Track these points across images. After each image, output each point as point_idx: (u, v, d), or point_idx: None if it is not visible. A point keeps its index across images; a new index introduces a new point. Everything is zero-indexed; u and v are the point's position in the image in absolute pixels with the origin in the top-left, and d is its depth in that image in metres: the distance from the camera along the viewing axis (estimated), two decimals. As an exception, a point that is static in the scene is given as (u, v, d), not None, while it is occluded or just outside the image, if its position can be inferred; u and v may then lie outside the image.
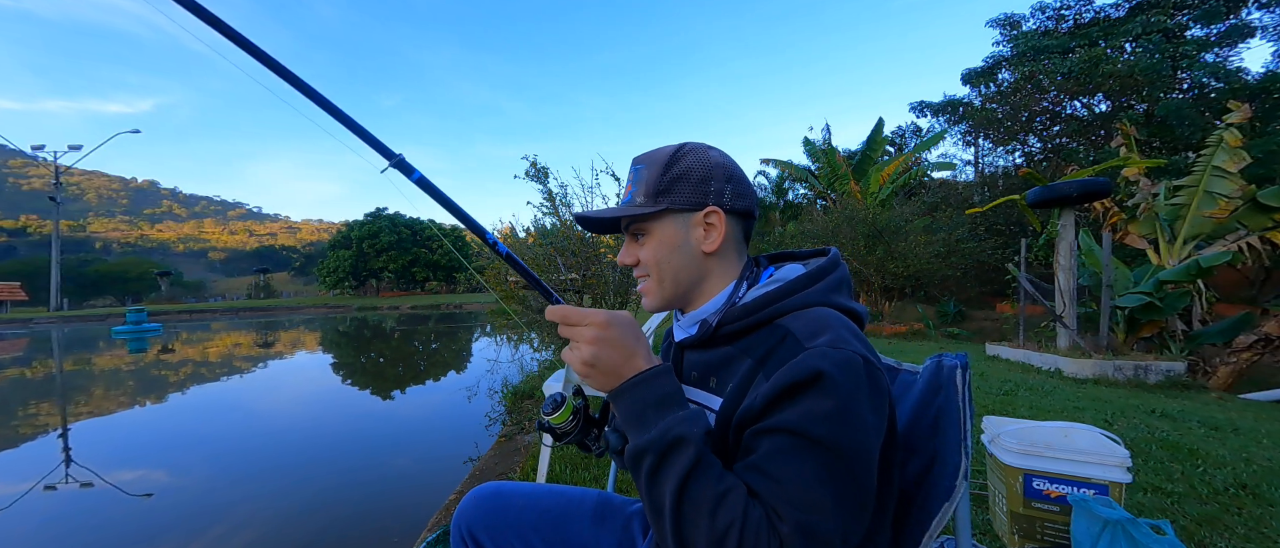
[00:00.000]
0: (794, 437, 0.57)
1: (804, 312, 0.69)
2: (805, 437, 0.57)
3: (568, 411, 0.77)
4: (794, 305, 0.70)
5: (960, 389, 0.75)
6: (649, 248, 0.76)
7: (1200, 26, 12.77)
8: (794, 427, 0.58)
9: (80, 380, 7.94)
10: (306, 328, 18.06)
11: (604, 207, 7.08)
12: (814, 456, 0.57)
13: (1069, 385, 4.54)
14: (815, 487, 0.56)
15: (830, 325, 0.65)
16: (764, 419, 0.60)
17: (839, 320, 0.67)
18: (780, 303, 0.71)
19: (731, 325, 0.73)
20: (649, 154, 0.78)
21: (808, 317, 0.68)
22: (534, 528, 0.92)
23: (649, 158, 0.77)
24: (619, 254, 0.82)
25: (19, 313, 31.09)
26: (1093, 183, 5.51)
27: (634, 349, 0.66)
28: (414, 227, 45.05)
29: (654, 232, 0.75)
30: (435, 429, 4.61)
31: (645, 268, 0.77)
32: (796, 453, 0.57)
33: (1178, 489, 2.13)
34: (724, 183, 0.74)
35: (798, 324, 0.67)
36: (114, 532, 2.73)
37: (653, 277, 0.77)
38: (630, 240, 0.79)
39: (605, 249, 6.12)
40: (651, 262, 0.76)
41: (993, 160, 16.78)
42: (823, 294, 0.72)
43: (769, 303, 0.71)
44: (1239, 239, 6.07)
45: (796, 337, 0.65)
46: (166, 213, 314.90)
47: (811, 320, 0.67)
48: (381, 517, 2.76)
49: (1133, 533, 1.34)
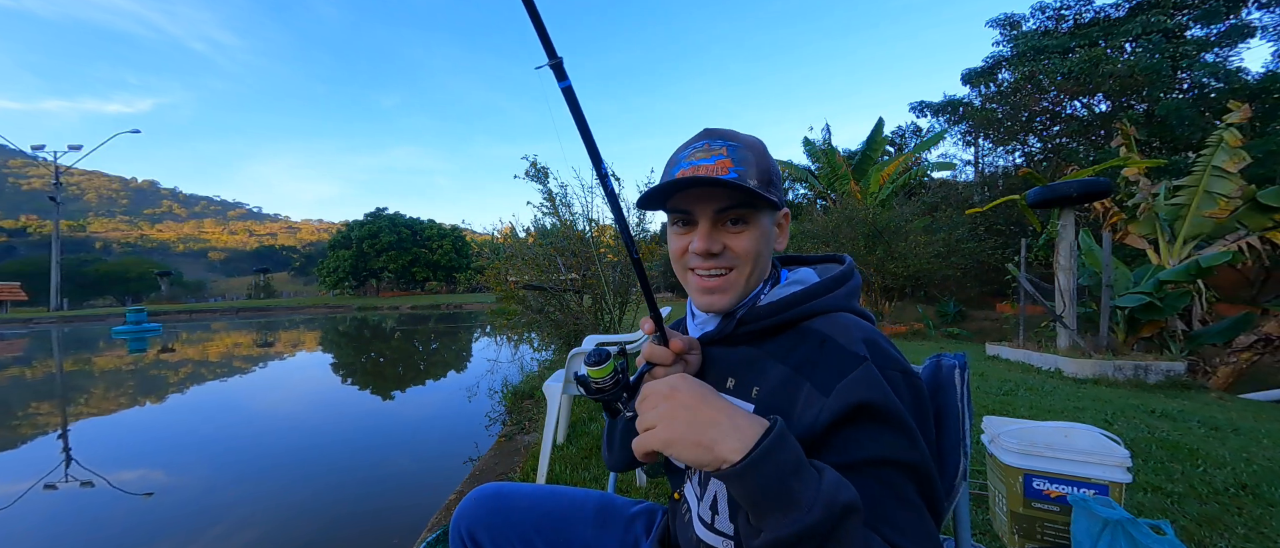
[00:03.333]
0: (889, 468, 0.56)
1: (834, 316, 0.69)
2: (897, 465, 0.57)
3: (610, 368, 0.69)
4: (820, 309, 0.70)
5: (959, 389, 0.74)
6: (747, 238, 0.71)
7: (1200, 26, 12.79)
8: (886, 457, 0.57)
9: (80, 380, 7.94)
10: (306, 328, 18.05)
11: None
12: (910, 485, 0.57)
13: (1069, 386, 4.54)
14: (915, 520, 0.55)
15: (868, 332, 0.65)
16: (849, 450, 0.58)
17: (871, 328, 0.67)
18: (805, 305, 0.70)
19: (753, 325, 0.72)
20: (735, 133, 0.73)
21: (840, 322, 0.67)
22: (535, 529, 0.91)
23: (741, 138, 0.72)
24: (699, 239, 0.71)
25: (19, 313, 31.08)
26: (1093, 183, 5.51)
27: (719, 405, 0.56)
28: (414, 227, 45.08)
29: (756, 222, 0.71)
30: (435, 429, 4.61)
31: (735, 258, 0.71)
32: (895, 488, 0.56)
33: (1178, 489, 2.13)
34: (783, 186, 0.76)
35: (832, 329, 0.66)
36: (114, 531, 2.72)
37: (740, 270, 0.72)
38: (720, 225, 0.71)
39: (605, 249, 6.12)
40: (748, 253, 0.71)
41: (993, 160, 16.80)
42: (844, 300, 0.72)
43: (794, 304, 0.70)
44: (1239, 239, 6.08)
45: (839, 344, 0.64)
46: (166, 213, 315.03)
47: (845, 326, 0.66)
48: (381, 517, 2.76)
49: (1133, 533, 1.34)
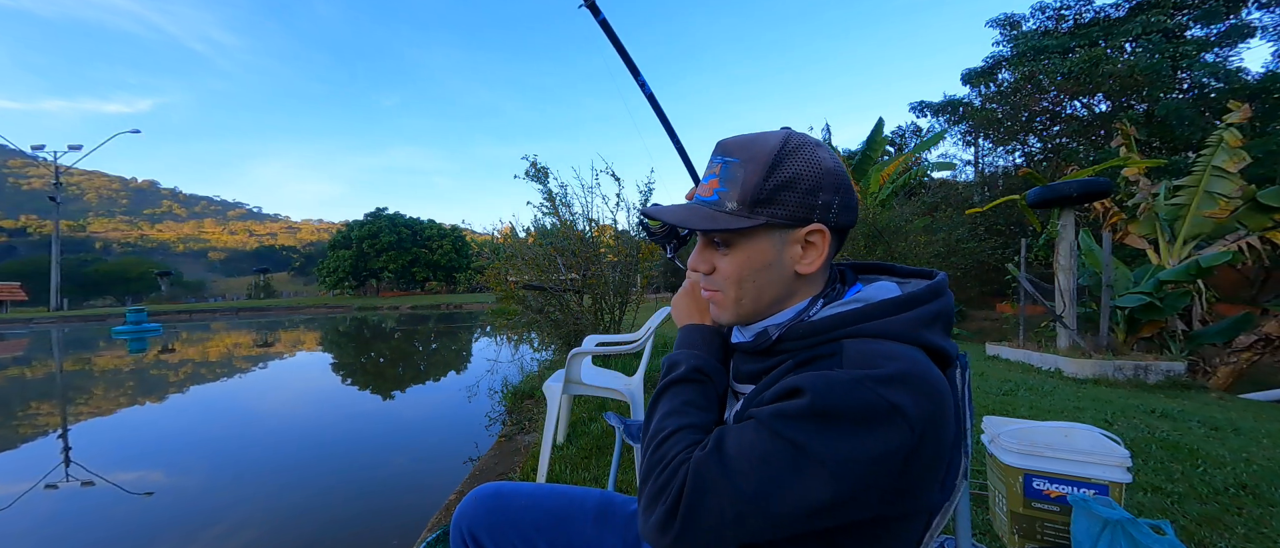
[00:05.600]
0: (763, 423, 0.56)
1: (877, 342, 0.58)
2: (769, 429, 0.55)
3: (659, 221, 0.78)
4: (866, 332, 0.60)
5: (959, 389, 0.74)
6: (732, 261, 0.65)
7: (1200, 26, 12.80)
8: (767, 416, 0.56)
9: (80, 380, 7.94)
10: (306, 328, 18.05)
11: (605, 205, 7.07)
12: (766, 439, 0.55)
13: (1069, 385, 4.54)
14: (747, 455, 0.55)
15: (898, 359, 0.55)
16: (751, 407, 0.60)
17: (915, 364, 0.55)
18: (853, 326, 0.60)
19: (792, 342, 0.64)
20: (744, 142, 0.65)
21: (874, 347, 0.57)
22: (536, 529, 0.91)
23: (746, 150, 0.64)
24: (692, 257, 0.71)
25: (19, 313, 31.08)
26: (1093, 183, 5.51)
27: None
28: (414, 227, 45.08)
29: (742, 245, 0.64)
30: (435, 429, 4.61)
31: (721, 283, 0.67)
32: (754, 431, 0.56)
33: (1178, 489, 2.13)
34: (833, 194, 0.62)
35: (856, 347, 0.58)
36: (114, 531, 2.72)
37: (728, 294, 0.67)
38: (707, 245, 0.69)
39: (605, 249, 6.11)
40: (732, 278, 0.66)
41: (993, 160, 16.80)
42: (908, 327, 0.60)
43: (840, 325, 0.61)
44: (1239, 239, 6.08)
45: (845, 355, 0.57)
46: (166, 213, 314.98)
47: (875, 351, 0.56)
48: (381, 517, 2.76)
49: (1133, 533, 1.34)
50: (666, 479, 0.59)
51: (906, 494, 0.55)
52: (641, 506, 0.61)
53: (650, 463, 0.63)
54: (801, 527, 0.55)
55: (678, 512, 0.57)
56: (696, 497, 0.56)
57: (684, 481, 0.58)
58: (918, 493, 0.57)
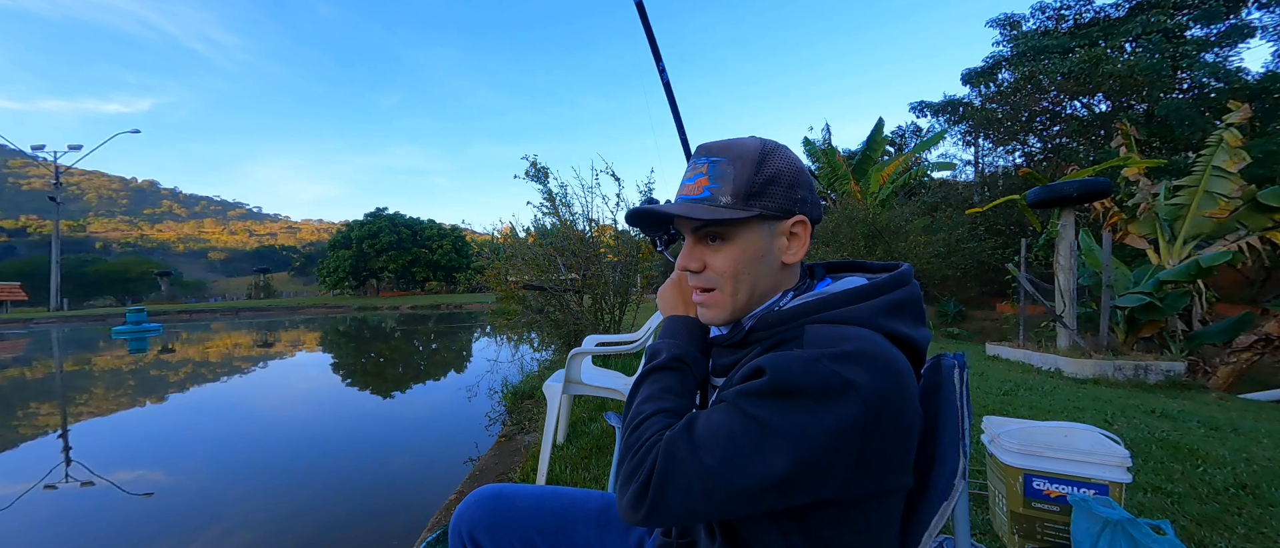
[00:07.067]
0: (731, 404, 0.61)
1: (837, 327, 0.63)
2: (737, 408, 0.59)
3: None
4: (828, 318, 0.65)
5: (958, 389, 0.74)
6: (726, 256, 0.69)
7: (1200, 26, 12.78)
8: (732, 396, 0.61)
9: (80, 380, 7.94)
10: (306, 328, 18.05)
11: (605, 205, 7.07)
12: (733, 417, 0.59)
13: (1069, 385, 4.54)
14: (714, 433, 0.59)
15: (854, 340, 0.59)
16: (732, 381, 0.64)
17: (872, 343, 0.59)
18: (816, 314, 0.65)
19: (762, 332, 0.69)
20: (727, 145, 0.70)
21: (833, 330, 0.62)
22: (536, 530, 0.91)
23: (732, 151, 0.69)
24: (680, 257, 0.74)
25: (19, 313, 31.05)
26: (1093, 183, 5.51)
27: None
28: (414, 227, 45.05)
29: (736, 238, 0.68)
30: (435, 429, 4.61)
31: (715, 278, 0.70)
32: (723, 411, 0.61)
33: (1178, 489, 2.13)
34: (808, 190, 0.70)
35: (816, 330, 0.63)
36: (114, 531, 2.73)
37: (724, 289, 0.70)
38: (697, 243, 0.72)
39: (605, 249, 6.11)
40: (728, 271, 0.69)
41: (993, 160, 16.77)
42: (870, 315, 0.64)
43: (804, 313, 0.66)
44: (1239, 239, 6.07)
45: (805, 338, 0.62)
46: (166, 213, 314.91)
47: (834, 333, 0.61)
48: (381, 517, 2.76)
49: (1133, 533, 1.34)
50: (640, 459, 0.63)
51: (871, 472, 0.58)
52: (618, 485, 0.65)
53: (627, 444, 0.67)
54: (769, 502, 0.58)
55: (649, 489, 0.61)
56: (666, 474, 0.60)
57: (656, 459, 0.61)
58: (882, 473, 0.59)
